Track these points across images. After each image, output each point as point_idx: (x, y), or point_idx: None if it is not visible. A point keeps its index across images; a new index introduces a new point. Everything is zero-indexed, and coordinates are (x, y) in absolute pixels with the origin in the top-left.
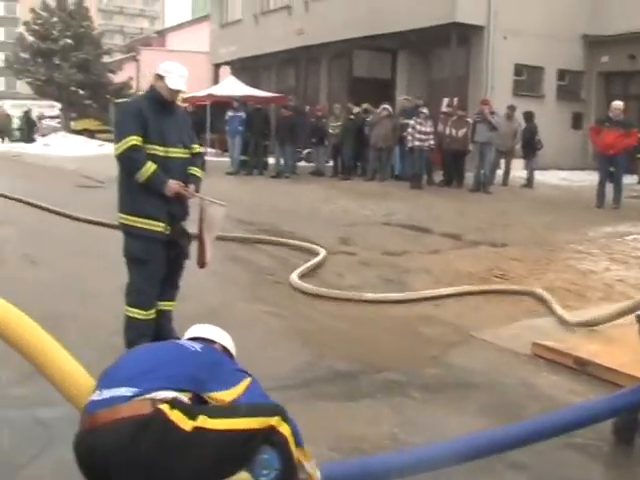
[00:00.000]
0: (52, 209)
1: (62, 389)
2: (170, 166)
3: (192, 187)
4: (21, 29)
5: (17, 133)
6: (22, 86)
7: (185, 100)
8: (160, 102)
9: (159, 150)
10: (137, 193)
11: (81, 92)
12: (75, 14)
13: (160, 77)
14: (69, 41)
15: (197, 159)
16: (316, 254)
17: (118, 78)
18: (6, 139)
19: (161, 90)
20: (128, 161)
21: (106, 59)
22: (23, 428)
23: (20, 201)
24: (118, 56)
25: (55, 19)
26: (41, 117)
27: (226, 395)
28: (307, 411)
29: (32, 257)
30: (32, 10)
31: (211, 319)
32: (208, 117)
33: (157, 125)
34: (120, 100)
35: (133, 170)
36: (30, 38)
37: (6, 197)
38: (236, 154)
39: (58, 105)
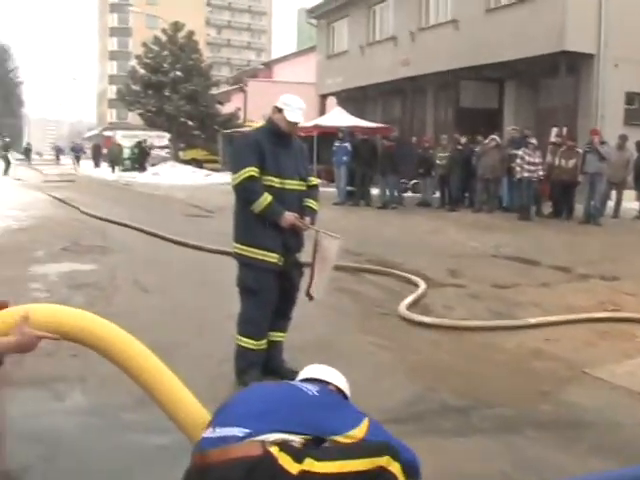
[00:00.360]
0: (164, 236)
1: (175, 418)
2: (286, 198)
3: (307, 219)
4: (133, 62)
5: (127, 162)
6: (133, 117)
7: None
8: (278, 134)
9: (276, 182)
10: (253, 224)
11: (190, 123)
12: (185, 47)
13: (279, 110)
14: (179, 73)
15: (313, 191)
16: (421, 285)
17: (226, 109)
18: (117, 168)
19: (279, 122)
20: (245, 192)
21: (214, 90)
22: (144, 453)
23: (131, 228)
24: (226, 87)
25: (166, 52)
26: (151, 147)
27: (348, 437)
28: (417, 445)
29: (144, 284)
30: (144, 44)
31: (320, 350)
32: (315, 148)
33: (274, 157)
34: (227, 131)
35: (250, 201)
36: (142, 71)
37: (118, 224)
38: (342, 185)
39: (167, 135)
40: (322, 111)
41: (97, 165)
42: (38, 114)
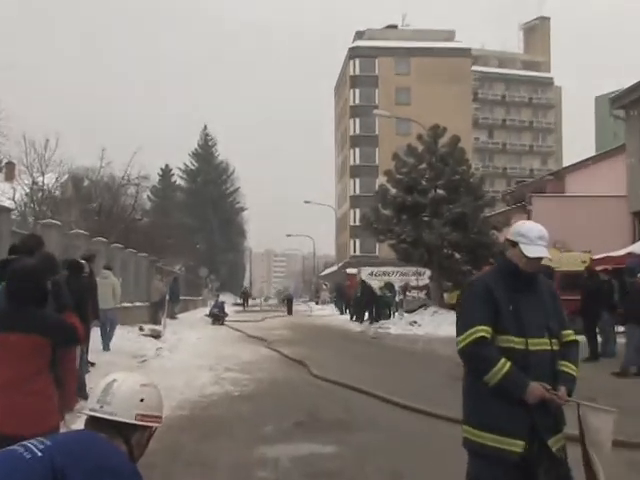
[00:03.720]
0: (426, 411)
1: None
2: (532, 362)
3: (563, 390)
4: (381, 180)
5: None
6: (382, 249)
7: (587, 266)
8: (515, 276)
9: (516, 342)
10: (487, 400)
11: (457, 256)
12: (448, 158)
13: (512, 243)
14: (441, 192)
15: (570, 351)
16: None
17: (503, 236)
18: (366, 315)
19: (515, 260)
20: (474, 359)
21: (487, 212)
22: None
23: (381, 399)
24: (503, 207)
25: (423, 165)
26: (406, 287)
27: None
28: None
29: (402, 474)
30: (395, 156)
31: None
32: (616, 289)
33: (513, 308)
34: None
35: (481, 370)
36: (393, 190)
37: (363, 392)
38: (636, 344)
39: (427, 272)
40: (636, 234)
41: (343, 310)
42: (262, 246)
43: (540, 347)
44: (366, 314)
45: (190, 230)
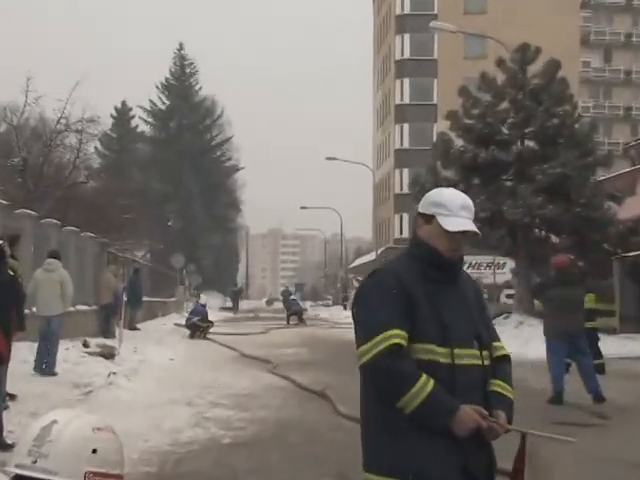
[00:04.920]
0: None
1: None
2: (459, 381)
3: (503, 416)
4: (442, 126)
5: None
6: None
7: None
8: (434, 263)
9: (440, 353)
10: (400, 433)
11: (553, 239)
12: (542, 93)
13: (427, 218)
14: (531, 144)
15: (503, 368)
16: None
17: (627, 210)
18: None
19: (432, 241)
20: (385, 375)
21: (601, 173)
22: None
23: None
24: (623, 166)
25: (505, 105)
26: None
27: None
28: None
29: None
30: (462, 91)
31: None
32: None
33: (432, 307)
34: (631, 254)
35: (394, 391)
36: (458, 141)
37: None
38: None
39: (509, 264)
40: None
41: None
42: (264, 224)
43: (469, 361)
44: None
45: (159, 200)
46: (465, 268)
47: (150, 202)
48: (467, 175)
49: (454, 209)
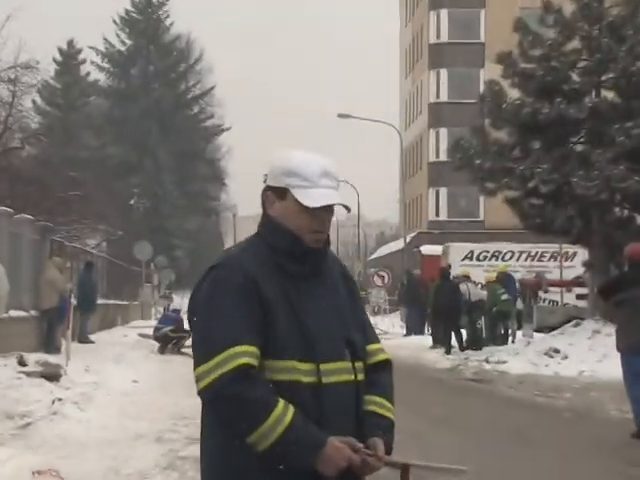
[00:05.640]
0: None
1: None
2: (327, 405)
3: (379, 445)
4: (491, 72)
5: (481, 323)
6: (491, 208)
7: None
8: (293, 253)
9: (303, 371)
10: (251, 476)
11: None
12: (623, 28)
13: (278, 192)
14: (609, 95)
15: (382, 379)
16: None
17: None
18: (452, 339)
19: (288, 222)
20: (231, 404)
21: None
22: None
23: None
24: None
25: (574, 44)
26: (538, 284)
27: None
28: None
29: None
30: (518, 24)
31: None
32: None
33: (292, 312)
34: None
35: (244, 424)
36: (513, 92)
37: None
38: None
39: (580, 254)
40: None
41: (418, 327)
42: (256, 204)
43: (339, 377)
44: (463, 333)
45: (118, 171)
46: (523, 259)
47: (107, 174)
48: (525, 137)
49: (312, 177)
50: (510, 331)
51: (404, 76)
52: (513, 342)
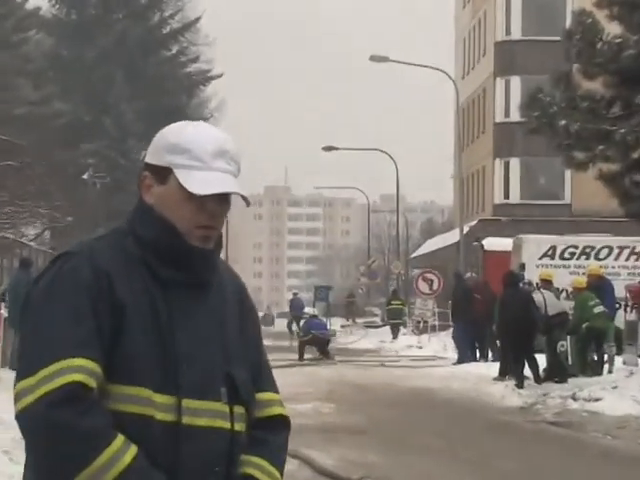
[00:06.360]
0: None
1: None
2: (187, 454)
3: None
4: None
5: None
6: (580, 187)
7: None
8: (166, 253)
9: (157, 404)
10: None
11: None
12: None
13: (158, 173)
14: None
15: (272, 439)
16: None
17: None
18: (532, 368)
19: (166, 212)
20: (47, 432)
21: None
22: None
23: None
24: None
25: None
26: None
27: None
28: None
29: None
30: None
31: None
32: None
33: (156, 327)
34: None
35: (63, 460)
36: (608, 30)
37: None
38: None
39: None
40: None
41: (464, 354)
42: (259, 181)
43: (209, 421)
44: (539, 360)
45: (67, 135)
46: (624, 258)
47: (51, 138)
48: (627, 89)
49: (204, 156)
50: (606, 357)
51: (461, 5)
52: (610, 372)
